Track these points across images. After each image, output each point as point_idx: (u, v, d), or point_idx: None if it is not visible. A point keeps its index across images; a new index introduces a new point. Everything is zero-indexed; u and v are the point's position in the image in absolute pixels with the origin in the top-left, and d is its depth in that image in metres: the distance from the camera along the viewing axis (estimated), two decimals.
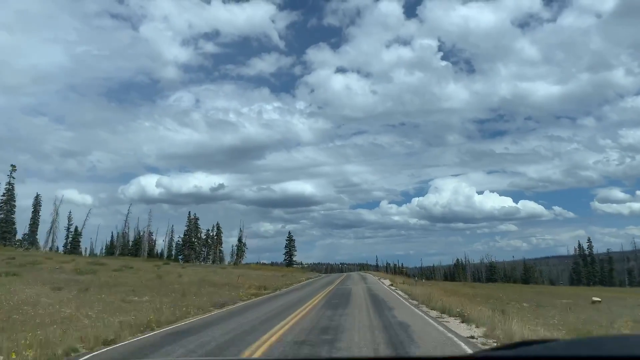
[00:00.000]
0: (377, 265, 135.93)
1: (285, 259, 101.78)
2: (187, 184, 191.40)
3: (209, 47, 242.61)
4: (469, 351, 8.15)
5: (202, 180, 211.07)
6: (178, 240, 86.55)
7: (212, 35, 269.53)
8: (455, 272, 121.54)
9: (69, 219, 73.62)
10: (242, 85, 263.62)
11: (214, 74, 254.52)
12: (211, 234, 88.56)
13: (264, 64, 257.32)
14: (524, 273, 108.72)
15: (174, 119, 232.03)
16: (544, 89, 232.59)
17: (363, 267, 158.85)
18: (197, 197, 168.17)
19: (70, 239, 73.10)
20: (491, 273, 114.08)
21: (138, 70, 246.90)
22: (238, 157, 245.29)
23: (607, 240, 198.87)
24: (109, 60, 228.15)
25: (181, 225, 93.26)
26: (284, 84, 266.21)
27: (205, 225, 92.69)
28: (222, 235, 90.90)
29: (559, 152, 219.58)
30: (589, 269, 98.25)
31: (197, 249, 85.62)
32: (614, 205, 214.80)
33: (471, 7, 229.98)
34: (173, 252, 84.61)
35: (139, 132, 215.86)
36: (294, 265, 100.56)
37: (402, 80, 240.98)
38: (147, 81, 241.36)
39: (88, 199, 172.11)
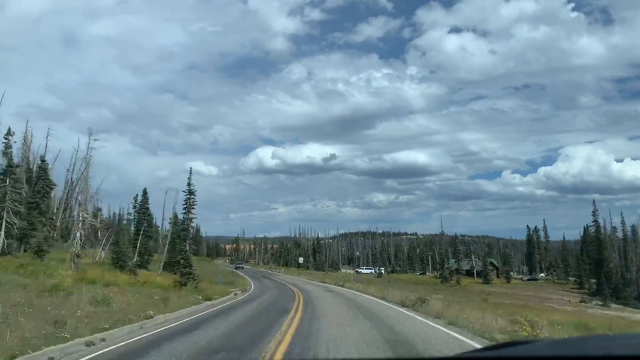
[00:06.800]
0: (537, 241, 79.10)
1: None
2: (300, 155, 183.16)
3: (315, 15, 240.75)
4: None
5: (314, 151, 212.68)
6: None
7: (318, 1, 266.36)
8: None
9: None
10: (350, 53, 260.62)
11: (321, 44, 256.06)
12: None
13: (372, 29, 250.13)
14: None
15: (285, 91, 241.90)
16: None
17: (489, 246, 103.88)
18: (311, 168, 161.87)
19: None
20: None
21: (249, 43, 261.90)
22: (348, 127, 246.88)
23: None
24: (223, 35, 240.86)
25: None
26: (392, 49, 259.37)
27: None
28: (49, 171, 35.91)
29: None
30: None
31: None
32: None
33: None
34: None
35: (254, 106, 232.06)
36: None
37: (524, 37, 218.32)
38: (259, 54, 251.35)
39: (213, 170, 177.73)
